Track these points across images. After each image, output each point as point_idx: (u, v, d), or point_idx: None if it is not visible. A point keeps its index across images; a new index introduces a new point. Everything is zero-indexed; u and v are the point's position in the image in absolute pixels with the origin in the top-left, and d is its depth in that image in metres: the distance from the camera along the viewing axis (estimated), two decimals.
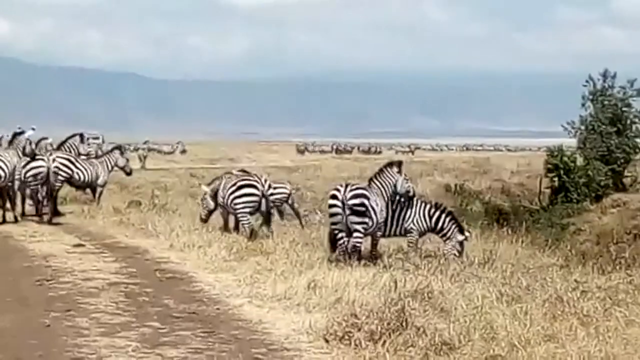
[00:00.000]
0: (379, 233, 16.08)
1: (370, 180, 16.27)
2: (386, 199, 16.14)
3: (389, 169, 16.36)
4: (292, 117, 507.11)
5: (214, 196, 20.10)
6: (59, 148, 26.02)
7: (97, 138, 24.62)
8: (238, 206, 19.23)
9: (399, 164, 16.63)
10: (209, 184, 21.04)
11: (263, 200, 19.57)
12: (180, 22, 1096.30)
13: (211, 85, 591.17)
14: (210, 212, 20.52)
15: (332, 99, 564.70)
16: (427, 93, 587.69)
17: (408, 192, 16.68)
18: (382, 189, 16.07)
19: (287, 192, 25.04)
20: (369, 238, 15.89)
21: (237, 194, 19.33)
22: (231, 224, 19.92)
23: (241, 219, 19.27)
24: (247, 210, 19.17)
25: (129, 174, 27.02)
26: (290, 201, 23.58)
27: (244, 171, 21.29)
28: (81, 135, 27.05)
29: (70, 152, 25.37)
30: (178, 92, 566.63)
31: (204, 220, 20.43)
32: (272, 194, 23.46)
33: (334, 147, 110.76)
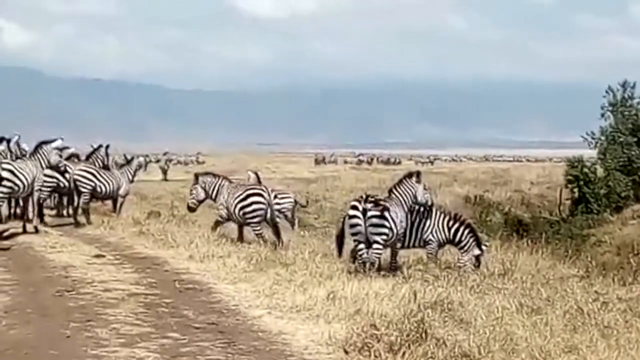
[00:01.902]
0: (399, 244, 16.06)
1: (390, 191, 16.27)
2: (406, 209, 16.12)
3: (408, 180, 16.35)
4: (308, 127, 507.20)
5: (205, 188, 20.64)
6: (86, 159, 26.27)
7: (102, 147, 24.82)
8: (248, 216, 19.60)
9: (418, 174, 16.62)
10: (201, 175, 21.53)
11: (269, 210, 19.91)
12: (197, 32, 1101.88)
13: (227, 95, 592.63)
14: (200, 202, 21.08)
15: (348, 109, 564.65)
16: (443, 102, 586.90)
17: (427, 202, 16.67)
18: (402, 200, 16.06)
19: (293, 201, 25.35)
20: (388, 249, 15.87)
21: (244, 203, 19.67)
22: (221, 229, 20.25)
23: (254, 228, 19.60)
24: (258, 219, 19.60)
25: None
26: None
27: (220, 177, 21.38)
28: (107, 147, 27.30)
29: (96, 164, 25.67)
30: (194, 102, 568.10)
31: (192, 210, 21.43)
32: (277, 204, 24.26)
33: (358, 157, 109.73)
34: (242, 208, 19.73)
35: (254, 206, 19.70)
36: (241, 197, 19.84)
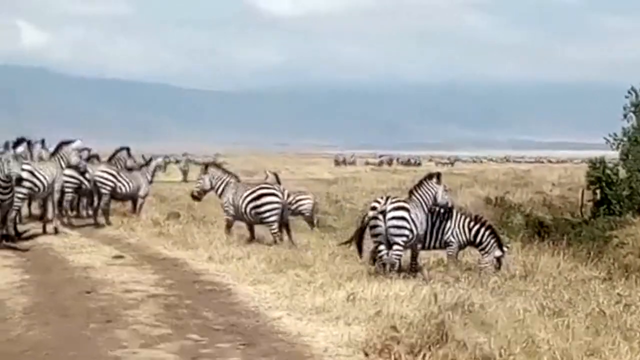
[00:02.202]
0: (419, 245, 15.99)
1: (411, 192, 16.20)
2: (426, 211, 16.05)
3: (428, 181, 16.28)
4: (327, 129, 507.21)
5: (211, 181, 20.71)
6: (108, 161, 26.40)
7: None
8: (262, 216, 19.84)
9: (438, 175, 16.54)
10: (212, 166, 21.87)
11: (283, 209, 20.17)
12: (213, 33, 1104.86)
13: (246, 95, 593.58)
14: (205, 192, 21.10)
15: (367, 110, 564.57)
16: (464, 103, 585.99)
17: (448, 203, 16.59)
18: (422, 201, 15.99)
19: (312, 202, 25.67)
20: (408, 250, 15.80)
21: (257, 203, 19.87)
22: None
23: (270, 227, 19.86)
24: (273, 218, 19.79)
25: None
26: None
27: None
28: (128, 149, 27.45)
29: (118, 165, 25.82)
30: (210, 102, 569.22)
31: (195, 198, 21.56)
32: (297, 204, 25.16)
33: (380, 159, 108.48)
34: (254, 208, 19.84)
35: (268, 206, 19.82)
36: (253, 196, 19.94)
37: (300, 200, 26.37)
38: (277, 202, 19.96)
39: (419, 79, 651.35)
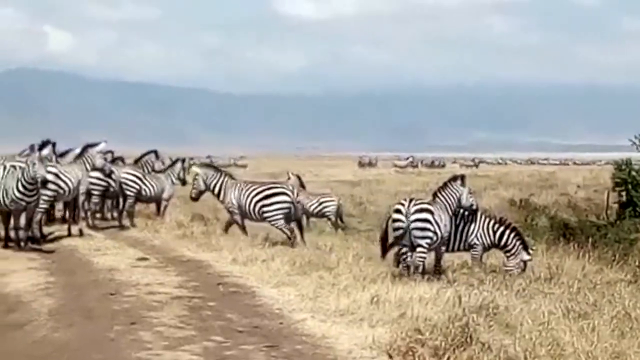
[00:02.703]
0: (443, 248, 15.94)
1: (435, 194, 16.15)
2: (450, 213, 16.00)
3: (453, 183, 16.22)
4: (350, 131, 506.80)
5: (205, 181, 21.20)
6: (135, 164, 26.52)
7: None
8: (268, 215, 20.07)
9: (463, 177, 16.48)
10: (199, 166, 22.43)
11: (293, 208, 20.39)
12: (238, 36, 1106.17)
13: (268, 99, 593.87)
14: (201, 193, 21.60)
15: (390, 113, 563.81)
16: (486, 106, 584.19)
17: (472, 205, 16.53)
18: (446, 204, 15.94)
19: (336, 205, 25.93)
20: (432, 253, 15.76)
21: (266, 202, 20.15)
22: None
23: (280, 227, 20.11)
24: (281, 216, 20.05)
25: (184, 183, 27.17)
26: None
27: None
28: (155, 152, 27.58)
29: (145, 169, 25.94)
30: (235, 106, 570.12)
31: (194, 199, 22.12)
32: (321, 206, 26.15)
33: (409, 160, 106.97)
34: (264, 207, 20.14)
35: (277, 205, 20.10)
36: (262, 195, 20.24)
37: (324, 202, 26.49)
38: (287, 202, 20.17)
39: (442, 82, 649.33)
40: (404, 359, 9.79)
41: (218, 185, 21.00)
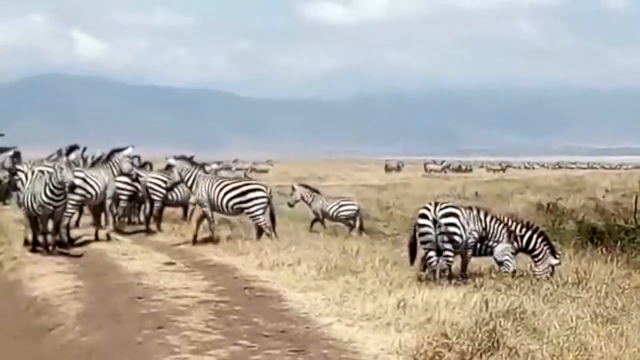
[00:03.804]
0: (470, 252, 15.87)
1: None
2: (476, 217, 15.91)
3: None
4: (379, 136, 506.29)
5: (181, 174, 21.66)
6: (166, 168, 26.60)
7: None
8: (249, 210, 21.02)
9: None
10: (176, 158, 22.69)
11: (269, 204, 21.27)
12: (268, 42, 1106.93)
13: (298, 103, 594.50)
14: (176, 184, 22.27)
15: (420, 116, 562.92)
16: (516, 109, 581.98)
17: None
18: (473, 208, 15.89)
19: (355, 209, 26.61)
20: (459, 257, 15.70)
21: (243, 198, 21.05)
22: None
23: (258, 221, 20.98)
24: (261, 212, 21.01)
25: None
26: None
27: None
28: (191, 158, 27.74)
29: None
30: (265, 110, 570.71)
31: (169, 189, 23.19)
32: (339, 209, 27.18)
33: (445, 165, 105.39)
34: (239, 203, 21.06)
35: (256, 201, 21.02)
36: (237, 192, 21.12)
37: (343, 205, 26.95)
38: (263, 197, 21.11)
39: (472, 85, 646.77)
40: None
41: (192, 178, 21.53)
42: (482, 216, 15.91)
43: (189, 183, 21.59)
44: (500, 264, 16.03)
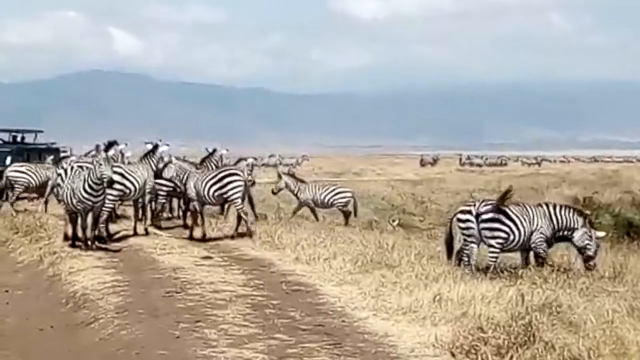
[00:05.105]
0: (543, 246, 15.81)
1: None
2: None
3: None
4: (410, 130, 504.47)
5: (177, 172, 22.94)
6: (201, 163, 26.79)
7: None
8: (228, 195, 21.40)
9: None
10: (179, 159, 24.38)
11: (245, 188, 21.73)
12: (300, 37, 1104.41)
13: (330, 98, 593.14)
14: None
15: (451, 111, 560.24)
16: (548, 104, 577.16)
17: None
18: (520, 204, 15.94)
19: (348, 197, 27.05)
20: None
21: (220, 184, 21.42)
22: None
23: (237, 205, 21.47)
24: (239, 196, 21.41)
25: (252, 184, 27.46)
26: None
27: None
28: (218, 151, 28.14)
29: (209, 167, 26.22)
30: (298, 105, 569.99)
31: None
32: (333, 197, 27.77)
33: (484, 160, 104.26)
34: (218, 189, 21.41)
35: (232, 185, 21.38)
36: (215, 179, 21.52)
37: (339, 193, 27.43)
38: (239, 181, 21.50)
39: (503, 80, 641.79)
40: (467, 358, 9.79)
41: (185, 175, 22.27)
42: (551, 209, 15.87)
43: (183, 180, 22.26)
44: (583, 248, 15.99)
